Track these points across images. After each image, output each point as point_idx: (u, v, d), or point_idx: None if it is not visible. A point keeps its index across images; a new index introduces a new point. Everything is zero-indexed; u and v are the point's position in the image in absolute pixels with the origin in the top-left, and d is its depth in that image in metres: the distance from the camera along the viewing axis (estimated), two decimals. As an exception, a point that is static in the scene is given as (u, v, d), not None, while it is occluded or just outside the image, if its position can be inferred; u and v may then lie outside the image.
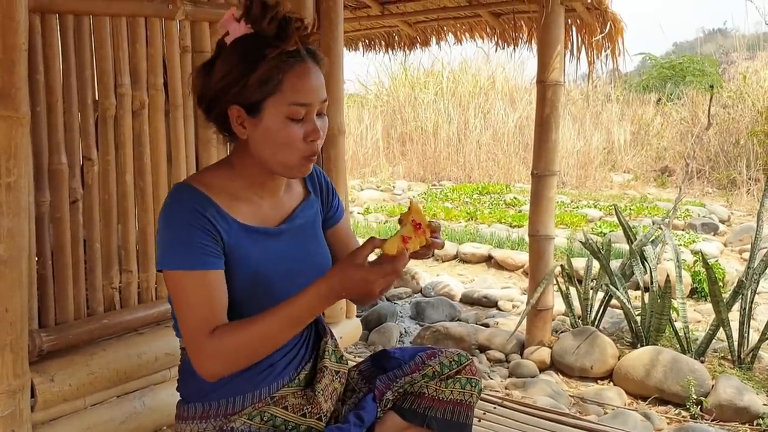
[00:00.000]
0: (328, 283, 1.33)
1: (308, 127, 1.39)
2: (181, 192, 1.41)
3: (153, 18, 2.23)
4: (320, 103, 1.41)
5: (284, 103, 1.36)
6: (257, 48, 1.36)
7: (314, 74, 1.39)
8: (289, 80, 1.36)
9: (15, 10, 1.71)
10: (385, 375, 1.65)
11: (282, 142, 1.38)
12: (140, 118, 2.24)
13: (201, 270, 1.36)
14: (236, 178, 1.47)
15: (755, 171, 9.36)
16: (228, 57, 1.39)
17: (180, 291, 1.37)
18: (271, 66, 1.35)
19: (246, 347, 1.35)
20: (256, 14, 1.38)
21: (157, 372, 2.25)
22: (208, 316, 1.35)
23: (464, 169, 11.39)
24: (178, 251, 1.36)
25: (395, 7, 4.87)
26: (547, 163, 3.98)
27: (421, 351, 1.68)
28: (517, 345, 4.09)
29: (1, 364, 1.78)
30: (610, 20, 4.17)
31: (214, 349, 1.34)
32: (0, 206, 1.74)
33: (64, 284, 2.10)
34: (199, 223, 1.37)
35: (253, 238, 1.45)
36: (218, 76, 1.39)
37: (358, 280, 1.30)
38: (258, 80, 1.35)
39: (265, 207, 1.51)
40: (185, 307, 1.37)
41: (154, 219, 2.32)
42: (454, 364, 1.65)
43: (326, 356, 1.59)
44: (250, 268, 1.44)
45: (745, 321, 3.62)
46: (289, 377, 1.53)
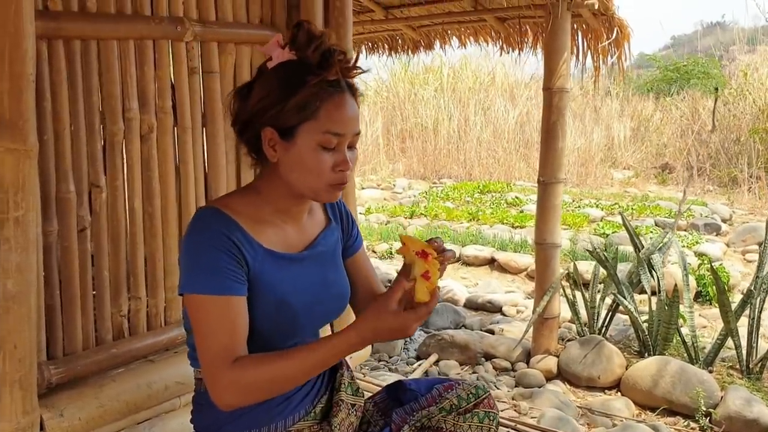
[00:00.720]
0: (359, 332, 1.35)
1: (338, 157, 1.40)
2: (207, 215, 1.41)
3: (161, 40, 2.19)
4: (353, 135, 1.42)
5: (318, 131, 1.37)
6: (299, 74, 1.38)
7: (351, 106, 1.41)
8: (326, 108, 1.37)
9: (23, 39, 1.67)
10: (401, 408, 1.64)
11: (311, 168, 1.39)
12: (148, 142, 2.21)
13: (225, 295, 1.35)
14: (261, 203, 1.47)
15: (756, 169, 9.35)
16: (268, 80, 1.42)
17: (202, 316, 1.35)
18: (310, 92, 1.36)
19: (266, 383, 1.34)
20: (302, 42, 1.40)
21: (167, 401, 2.22)
22: (228, 344, 1.34)
23: (465, 167, 11.37)
24: (203, 275, 1.35)
25: (399, 12, 4.83)
26: (553, 171, 3.95)
27: (438, 383, 1.67)
28: (523, 353, 4.07)
29: (10, 401, 1.76)
30: (617, 26, 4.13)
31: (234, 380, 1.32)
32: (8, 241, 1.71)
33: (73, 314, 2.07)
34: (225, 246, 1.36)
35: (278, 263, 1.45)
36: (256, 98, 1.41)
37: (396, 326, 1.32)
38: (296, 105, 1.37)
39: (289, 232, 1.51)
40: (206, 333, 1.35)
41: (162, 244, 2.29)
42: (472, 397, 1.63)
43: (342, 389, 1.58)
44: (275, 295, 1.43)
45: (753, 331, 3.60)
46: (305, 410, 1.52)
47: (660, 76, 15.11)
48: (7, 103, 1.67)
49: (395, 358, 4.16)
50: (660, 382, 3.45)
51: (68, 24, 1.96)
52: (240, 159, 2.50)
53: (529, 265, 5.92)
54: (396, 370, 3.95)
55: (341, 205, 1.68)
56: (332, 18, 2.60)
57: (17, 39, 1.66)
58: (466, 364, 4.03)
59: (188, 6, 2.29)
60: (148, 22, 2.15)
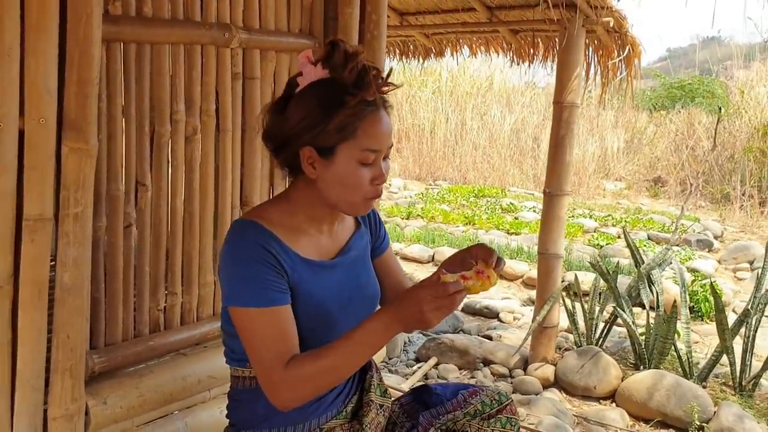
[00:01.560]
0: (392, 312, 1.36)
1: (376, 171, 1.46)
2: (244, 228, 1.46)
3: (209, 45, 2.27)
4: (387, 148, 1.49)
5: (357, 148, 1.43)
6: (337, 95, 1.42)
7: (386, 122, 1.47)
8: (363, 127, 1.43)
9: (91, 45, 1.75)
10: (427, 411, 1.71)
11: (351, 184, 1.45)
12: (192, 143, 2.28)
13: (272, 307, 1.40)
14: (295, 212, 1.52)
15: (749, 187, 9.50)
16: (306, 100, 1.45)
17: (252, 328, 1.40)
18: (349, 113, 1.41)
19: (320, 376, 1.39)
20: (338, 62, 1.44)
21: (199, 393, 2.31)
22: (282, 351, 1.39)
23: (460, 170, 11.47)
24: (247, 289, 1.40)
25: (414, 19, 4.89)
26: (560, 183, 4.02)
27: (463, 388, 1.75)
28: (521, 360, 4.15)
29: (60, 388, 1.84)
30: (629, 43, 4.22)
31: (291, 380, 1.38)
32: (67, 235, 1.79)
33: (115, 307, 2.14)
34: (265, 258, 1.41)
35: (313, 271, 1.51)
36: (296, 119, 1.45)
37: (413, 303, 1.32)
38: (336, 126, 1.41)
39: (322, 240, 1.57)
40: (258, 343, 1.40)
41: (200, 242, 2.37)
42: (495, 404, 1.71)
43: (372, 390, 1.65)
44: (312, 302, 1.49)
45: (748, 349, 3.71)
46: (337, 409, 1.59)
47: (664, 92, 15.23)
48: (73, 106, 1.76)
49: (395, 360, 4.23)
50: (655, 394, 3.55)
51: (126, 28, 2.03)
52: (274, 163, 2.58)
53: (525, 273, 6.02)
54: (396, 371, 4.02)
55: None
56: (368, 30, 2.68)
57: (86, 45, 1.74)
58: (465, 368, 4.11)
59: (235, 14, 2.37)
60: (199, 27, 2.23)
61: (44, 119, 1.70)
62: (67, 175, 1.77)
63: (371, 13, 2.70)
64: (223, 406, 1.66)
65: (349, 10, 2.64)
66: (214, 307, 2.46)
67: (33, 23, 1.65)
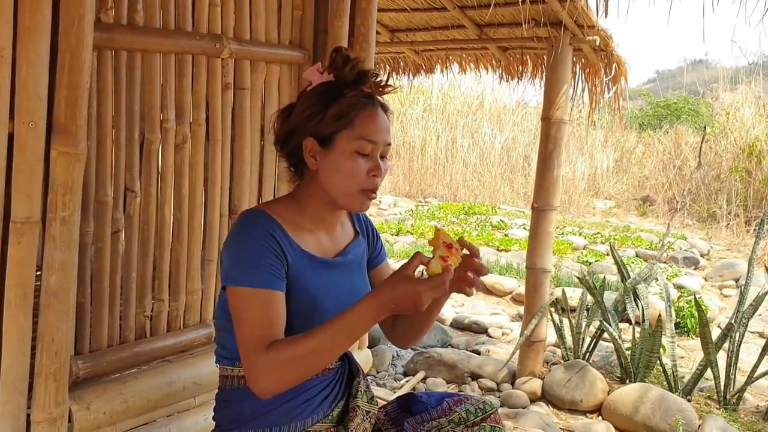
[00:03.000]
0: (378, 297, 1.39)
1: (372, 163, 1.52)
2: (253, 215, 1.52)
3: (200, 55, 2.30)
4: (384, 145, 1.55)
5: (354, 137, 1.50)
6: (336, 88, 1.52)
7: (383, 118, 1.55)
8: (360, 117, 1.51)
9: (82, 50, 1.78)
10: (412, 418, 1.73)
11: (348, 171, 1.51)
12: (182, 151, 2.31)
13: (267, 289, 1.43)
14: (300, 211, 1.58)
15: (735, 206, 9.59)
16: (309, 96, 1.56)
17: (243, 307, 1.43)
18: (347, 103, 1.50)
19: (300, 360, 1.38)
20: (339, 63, 1.54)
21: (184, 400, 2.30)
22: (266, 334, 1.41)
23: (450, 188, 11.52)
24: (246, 269, 1.44)
25: (405, 36, 4.95)
26: (548, 198, 4.05)
27: (448, 396, 1.76)
28: (509, 374, 4.16)
29: (44, 392, 1.84)
30: (615, 62, 4.28)
31: (269, 363, 1.38)
32: (54, 239, 1.80)
33: (101, 312, 2.15)
34: (270, 244, 1.46)
35: (314, 266, 1.55)
36: (298, 112, 1.55)
37: (409, 292, 1.36)
38: (334, 114, 1.50)
39: (323, 239, 1.62)
40: (246, 323, 1.42)
41: (188, 249, 2.38)
42: (479, 412, 1.72)
43: (359, 396, 1.66)
44: (309, 296, 1.53)
45: (732, 363, 3.74)
46: (323, 413, 1.60)
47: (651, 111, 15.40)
48: (64, 110, 1.78)
49: (383, 374, 4.23)
50: (641, 408, 3.56)
51: (118, 36, 2.06)
52: (263, 172, 2.60)
53: (514, 289, 6.04)
54: (384, 385, 4.02)
55: (367, 221, 1.81)
56: (356, 43, 2.72)
57: (78, 50, 1.77)
58: (453, 382, 4.12)
59: (226, 24, 2.40)
60: (190, 37, 2.26)
61: (34, 123, 1.73)
62: (55, 179, 1.79)
63: (360, 26, 2.74)
64: (208, 413, 1.66)
65: (338, 23, 2.68)
66: (201, 314, 2.46)
67: (26, 27, 1.68)
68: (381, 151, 1.54)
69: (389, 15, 4.65)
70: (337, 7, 2.67)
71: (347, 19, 2.71)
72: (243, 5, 2.46)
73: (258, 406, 1.53)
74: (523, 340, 4.02)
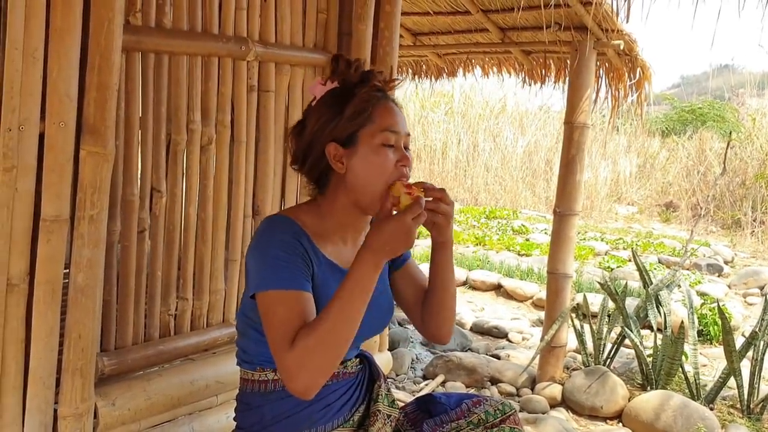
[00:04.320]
0: (368, 246, 1.40)
1: (399, 153, 1.52)
2: (279, 221, 1.53)
3: (226, 58, 2.33)
4: (405, 135, 1.55)
5: (377, 130, 1.50)
6: (346, 91, 1.53)
7: (398, 110, 1.56)
8: (378, 111, 1.52)
9: (112, 52, 1.81)
10: (431, 419, 1.73)
11: (378, 165, 1.50)
12: (207, 152, 2.34)
13: (298, 290, 1.43)
14: (324, 219, 1.58)
15: (761, 213, 9.47)
16: (319, 106, 1.55)
17: (273, 311, 1.41)
18: (360, 100, 1.51)
19: (325, 339, 1.36)
20: (342, 68, 1.55)
21: (206, 398, 2.33)
22: (294, 332, 1.38)
23: (471, 192, 11.50)
24: (276, 272, 1.43)
25: (427, 39, 4.96)
26: (570, 203, 4.04)
27: (467, 398, 1.77)
28: (529, 380, 4.15)
29: (71, 387, 1.87)
30: (640, 67, 4.26)
31: (299, 356, 1.35)
32: (82, 237, 1.83)
33: (126, 310, 2.18)
34: (297, 250, 1.47)
35: (335, 275, 1.55)
36: (312, 123, 1.54)
37: (394, 227, 1.38)
38: (351, 114, 1.50)
39: (345, 249, 1.61)
40: (277, 325, 1.40)
41: (212, 249, 2.41)
42: (499, 413, 1.73)
43: (380, 400, 1.67)
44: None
45: (756, 372, 3.70)
46: (344, 417, 1.61)
47: (675, 116, 15.26)
48: (93, 110, 1.81)
49: (402, 377, 4.24)
50: (662, 415, 3.53)
51: (146, 38, 2.09)
52: (286, 174, 2.63)
53: (535, 294, 6.02)
54: (403, 388, 4.03)
55: None
56: (380, 47, 2.73)
57: (107, 52, 1.80)
58: (472, 386, 4.11)
59: (252, 28, 2.43)
60: (216, 40, 2.29)
61: (64, 123, 1.76)
62: (84, 178, 1.82)
63: (384, 29, 2.76)
64: (230, 412, 1.68)
65: (362, 26, 2.70)
66: (224, 314, 2.49)
67: (57, 29, 1.72)
68: (404, 140, 1.55)
69: (412, 18, 4.67)
70: (361, 10, 2.69)
71: (371, 22, 2.73)
72: (269, 8, 2.48)
73: (278, 410, 1.55)
74: (544, 345, 4.01)
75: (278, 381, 1.55)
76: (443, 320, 1.72)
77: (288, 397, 1.51)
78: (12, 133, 1.71)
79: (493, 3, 4.11)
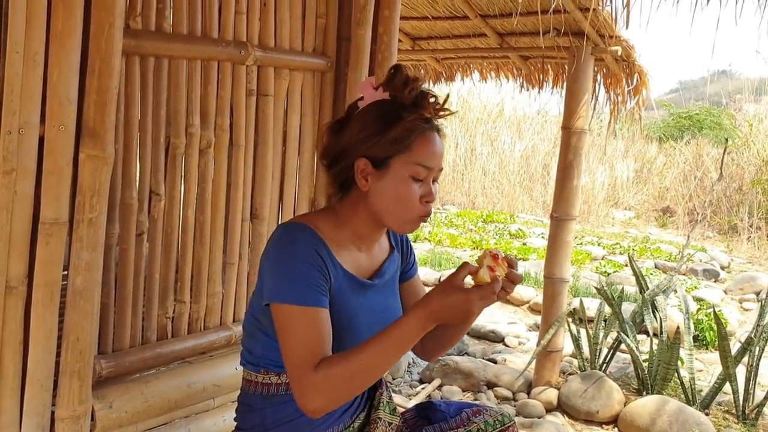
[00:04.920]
0: (427, 307, 1.38)
1: (426, 189, 1.52)
2: (298, 229, 1.50)
3: (225, 62, 2.34)
4: (438, 170, 1.54)
5: (411, 162, 1.48)
6: (395, 111, 1.49)
7: (439, 143, 1.53)
8: (418, 142, 1.49)
9: (112, 56, 1.82)
10: (431, 427, 1.74)
11: (402, 197, 1.50)
12: (206, 156, 2.34)
13: (315, 307, 1.42)
14: (341, 227, 1.57)
15: (757, 219, 9.50)
16: (365, 115, 1.53)
17: (292, 326, 1.41)
18: (405, 127, 1.48)
19: (351, 378, 1.37)
20: (398, 84, 1.51)
21: (203, 401, 2.33)
22: (316, 352, 1.39)
23: (468, 196, 11.52)
24: (294, 287, 1.42)
25: (426, 44, 4.98)
26: (567, 208, 4.05)
27: (467, 407, 1.78)
28: (525, 384, 4.16)
29: (68, 390, 1.88)
30: (637, 72, 4.27)
31: (320, 382, 1.36)
32: (81, 240, 1.84)
33: (124, 313, 2.18)
34: (316, 261, 1.45)
35: (352, 286, 1.55)
36: (353, 131, 1.52)
37: (460, 301, 1.36)
38: (392, 138, 1.48)
39: (362, 259, 1.61)
40: (295, 341, 1.40)
41: (210, 252, 2.42)
42: (498, 424, 1.73)
43: (381, 407, 1.67)
44: (344, 315, 1.52)
45: (751, 377, 3.71)
46: (344, 424, 1.61)
47: (672, 122, 15.30)
48: (93, 113, 1.82)
49: (399, 380, 4.24)
50: (658, 420, 3.54)
51: (146, 42, 2.10)
52: (284, 178, 2.64)
53: (531, 298, 6.03)
54: (399, 392, 4.03)
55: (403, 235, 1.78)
56: (379, 52, 2.74)
57: (107, 56, 1.81)
58: (469, 390, 4.12)
59: (251, 32, 2.44)
60: (216, 44, 2.30)
61: (64, 126, 1.77)
62: (83, 181, 1.83)
63: (383, 34, 2.77)
64: (227, 415, 1.69)
65: (361, 31, 2.70)
66: (221, 317, 2.50)
67: (58, 32, 1.73)
68: (435, 175, 1.53)
69: (411, 23, 4.69)
70: (360, 15, 2.70)
71: (370, 27, 2.73)
72: (268, 13, 2.49)
73: (280, 414, 1.55)
74: (540, 350, 4.01)
75: (281, 385, 1.55)
76: (442, 350, 1.78)
77: (290, 401, 1.51)
78: (12, 136, 1.72)
79: (492, 8, 4.13)
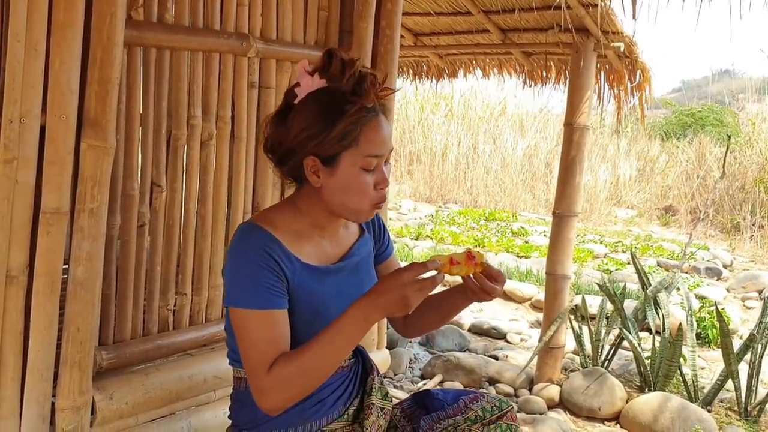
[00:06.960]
0: (367, 297, 1.40)
1: (378, 176, 1.50)
2: (249, 232, 1.49)
3: (227, 54, 2.33)
4: (388, 152, 1.52)
5: (360, 155, 1.46)
6: (336, 103, 1.45)
7: (386, 126, 1.51)
8: (364, 134, 1.46)
9: (114, 46, 1.82)
10: (428, 416, 1.73)
11: (356, 190, 1.48)
12: (207, 148, 2.34)
13: (268, 309, 1.43)
14: (300, 217, 1.56)
15: (760, 217, 9.48)
16: (307, 111, 1.48)
17: (246, 328, 1.43)
18: (349, 121, 1.44)
19: (303, 374, 1.40)
20: (335, 72, 1.47)
21: (204, 393, 2.33)
22: (270, 353, 1.41)
23: (471, 194, 11.50)
24: (247, 290, 1.43)
25: (428, 40, 4.97)
26: (569, 204, 4.04)
27: (464, 394, 1.77)
28: (527, 380, 4.15)
29: (69, 380, 1.88)
30: (640, 69, 4.26)
31: (273, 382, 1.39)
32: (82, 230, 1.84)
33: (125, 304, 2.19)
34: (267, 263, 1.44)
35: (314, 276, 1.53)
36: (297, 130, 1.48)
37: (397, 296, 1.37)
38: (337, 135, 1.44)
39: (326, 246, 1.60)
40: (249, 344, 1.42)
41: (211, 245, 2.42)
42: (496, 410, 1.73)
43: (373, 393, 1.67)
44: (312, 306, 1.52)
45: (754, 374, 3.70)
46: (338, 412, 1.62)
47: (675, 120, 15.28)
48: (94, 104, 1.82)
49: (400, 376, 4.24)
50: (660, 417, 3.54)
51: (148, 33, 2.10)
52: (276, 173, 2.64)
53: (533, 295, 6.02)
54: (401, 387, 4.03)
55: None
56: (381, 45, 2.74)
57: (109, 46, 1.81)
58: (470, 387, 4.11)
59: (253, 24, 2.44)
60: (218, 36, 2.30)
61: (65, 116, 1.77)
62: (84, 171, 1.83)
63: (385, 28, 2.76)
64: (227, 408, 1.68)
65: (363, 24, 2.70)
66: (222, 309, 2.49)
67: (59, 22, 1.73)
68: (385, 158, 1.52)
69: (413, 19, 4.68)
70: (363, 8, 2.69)
71: (372, 20, 2.73)
72: (270, 5, 2.49)
73: None
74: (542, 347, 4.01)
75: None
76: (422, 330, 1.81)
77: None
78: (13, 125, 1.72)
79: (494, 4, 4.12)
